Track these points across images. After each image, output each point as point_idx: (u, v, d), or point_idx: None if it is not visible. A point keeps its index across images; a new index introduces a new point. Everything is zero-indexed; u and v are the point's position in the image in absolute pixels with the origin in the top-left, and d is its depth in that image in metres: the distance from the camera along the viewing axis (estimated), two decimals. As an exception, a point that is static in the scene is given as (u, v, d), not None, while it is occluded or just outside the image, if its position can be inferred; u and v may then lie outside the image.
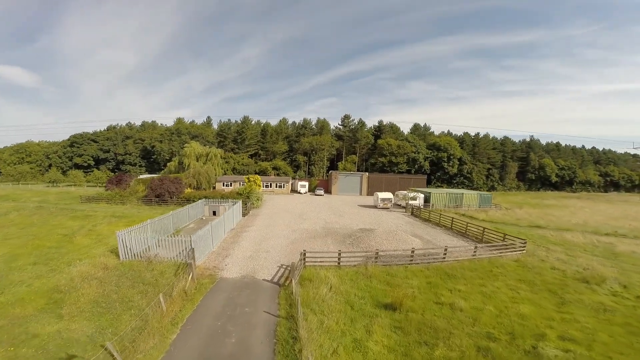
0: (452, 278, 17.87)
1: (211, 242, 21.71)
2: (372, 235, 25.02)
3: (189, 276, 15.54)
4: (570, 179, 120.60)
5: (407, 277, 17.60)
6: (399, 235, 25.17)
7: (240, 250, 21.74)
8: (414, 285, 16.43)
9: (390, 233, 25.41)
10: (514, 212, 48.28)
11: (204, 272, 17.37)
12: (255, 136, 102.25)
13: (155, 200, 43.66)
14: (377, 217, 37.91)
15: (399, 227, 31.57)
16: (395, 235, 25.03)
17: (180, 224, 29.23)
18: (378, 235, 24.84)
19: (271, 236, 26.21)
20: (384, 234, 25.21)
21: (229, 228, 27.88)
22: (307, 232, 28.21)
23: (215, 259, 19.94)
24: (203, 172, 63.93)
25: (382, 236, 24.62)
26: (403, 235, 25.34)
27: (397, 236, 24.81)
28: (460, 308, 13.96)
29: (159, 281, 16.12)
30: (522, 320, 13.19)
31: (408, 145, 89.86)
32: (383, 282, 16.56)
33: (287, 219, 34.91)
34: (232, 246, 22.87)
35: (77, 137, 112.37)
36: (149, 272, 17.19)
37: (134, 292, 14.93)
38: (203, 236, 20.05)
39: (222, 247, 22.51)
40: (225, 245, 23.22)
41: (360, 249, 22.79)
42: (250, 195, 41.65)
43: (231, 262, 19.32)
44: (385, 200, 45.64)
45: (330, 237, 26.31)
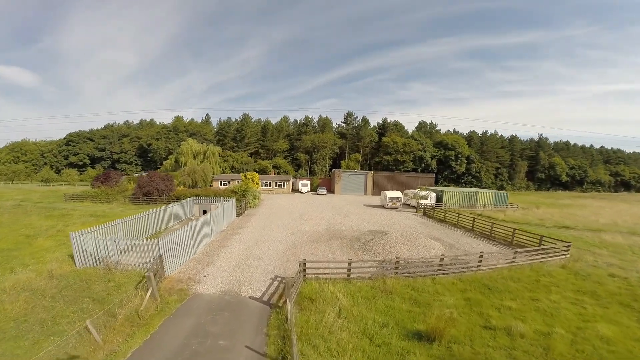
0: (494, 292, 14.01)
1: (192, 246, 17.89)
2: (385, 238, 21.10)
3: (147, 293, 11.70)
4: (581, 178, 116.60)
5: (438, 292, 13.68)
6: (417, 238, 21.25)
7: (227, 257, 17.87)
8: (450, 303, 12.52)
9: (406, 236, 21.49)
10: (532, 211, 44.44)
11: (174, 286, 13.50)
12: (255, 134, 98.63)
13: (143, 199, 39.97)
14: (387, 218, 33.98)
15: (414, 229, 27.63)
16: (412, 238, 21.11)
17: (162, 224, 25.46)
18: (392, 238, 20.91)
19: (266, 239, 22.33)
20: (399, 236, 21.28)
21: (217, 230, 24.06)
22: (308, 234, 24.31)
23: (194, 267, 16.08)
24: (199, 170, 60.25)
25: (397, 239, 20.69)
26: (421, 238, 21.41)
27: (414, 239, 20.89)
28: (521, 333, 10.28)
29: (111, 296, 12.33)
30: (608, 346, 9.77)
31: (414, 143, 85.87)
32: (409, 301, 12.64)
33: (285, 219, 31.05)
34: (218, 251, 19.01)
35: (73, 135, 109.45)
36: (103, 284, 13.42)
37: (72, 310, 11.23)
38: (179, 240, 16.24)
39: (206, 253, 18.65)
40: (210, 250, 19.36)
41: (373, 255, 18.88)
42: (246, 194, 37.84)
43: (212, 272, 15.44)
44: (394, 200, 41.72)
45: (335, 241, 22.40)
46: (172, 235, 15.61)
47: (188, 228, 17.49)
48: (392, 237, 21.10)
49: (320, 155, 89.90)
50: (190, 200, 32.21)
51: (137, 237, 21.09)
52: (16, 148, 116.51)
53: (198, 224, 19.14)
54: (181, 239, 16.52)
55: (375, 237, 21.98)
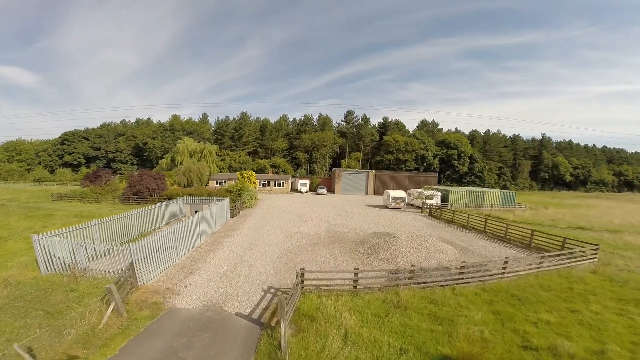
0: (525, 303, 12.06)
1: (175, 251, 15.79)
2: (392, 242, 18.99)
3: (108, 307, 9.62)
4: (584, 178, 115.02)
5: (461, 305, 11.61)
6: (428, 241, 19.17)
7: (215, 264, 15.74)
8: (477, 319, 10.48)
9: (416, 239, 19.39)
10: (541, 212, 42.57)
11: (148, 299, 11.39)
12: (253, 133, 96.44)
13: (133, 199, 37.84)
14: (391, 219, 31.88)
15: (422, 231, 25.54)
16: (423, 241, 19.02)
17: (149, 225, 23.36)
18: (401, 242, 18.81)
19: (260, 243, 20.20)
20: (408, 240, 19.17)
21: (208, 232, 21.95)
22: (307, 237, 22.19)
23: (175, 276, 13.95)
24: (194, 169, 58.19)
25: (407, 243, 18.60)
26: (433, 241, 19.32)
27: (425, 243, 18.81)
28: (570, 354, 8.50)
29: (70, 309, 10.29)
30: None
31: (416, 142, 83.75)
32: (428, 318, 10.55)
33: (283, 220, 28.94)
34: (206, 257, 16.89)
35: (69, 134, 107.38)
36: (64, 294, 11.41)
37: (17, 325, 9.30)
38: (159, 244, 14.15)
39: (191, 259, 16.52)
40: (197, 255, 17.24)
41: (380, 262, 16.78)
42: (242, 193, 35.73)
43: (196, 281, 13.33)
44: (398, 200, 39.63)
45: (337, 245, 20.29)
46: (149, 239, 13.50)
47: (170, 231, 15.39)
48: (400, 240, 18.99)
49: (320, 155, 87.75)
50: (181, 199, 30.10)
51: (116, 240, 19.10)
52: (10, 147, 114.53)
53: (183, 226, 17.03)
54: (162, 243, 14.41)
55: (382, 241, 19.87)
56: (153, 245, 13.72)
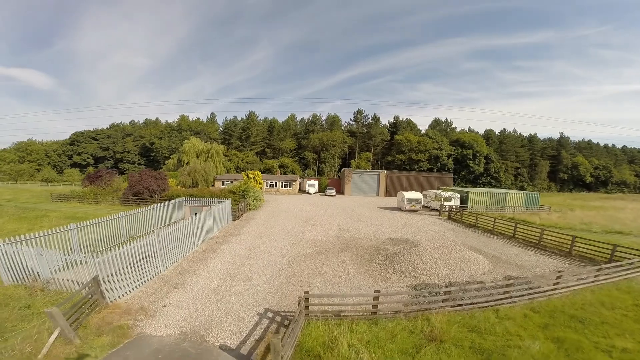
0: (588, 326, 9.61)
1: (160, 260, 13.54)
2: (414, 251, 16.36)
3: (51, 335, 7.38)
4: (605, 179, 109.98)
5: (509, 332, 9.03)
6: (455, 250, 16.49)
7: (205, 276, 13.41)
8: (535, 350, 8.01)
9: (442, 248, 16.70)
10: (569, 214, 39.22)
11: (114, 320, 9.07)
12: (261, 133, 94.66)
13: (133, 200, 36.04)
14: (408, 222, 29.16)
15: (444, 237, 22.80)
16: (449, 250, 16.35)
17: (140, 229, 21.31)
18: (424, 251, 16.17)
19: (262, 251, 17.82)
20: (432, 248, 16.52)
21: (204, 237, 19.73)
22: (315, 244, 19.71)
23: (156, 291, 11.66)
24: (199, 169, 56.37)
25: (431, 252, 15.97)
26: (461, 250, 16.64)
27: (452, 252, 16.15)
28: None
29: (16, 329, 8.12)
30: None
31: (429, 142, 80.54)
32: (472, 352, 7.98)
33: (289, 224, 26.54)
34: (197, 267, 14.58)
35: (78, 135, 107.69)
36: (14, 311, 9.26)
37: None
38: (136, 253, 11.93)
39: (180, 269, 14.23)
40: (187, 265, 14.95)
41: (402, 276, 14.19)
42: (246, 194, 33.52)
43: (178, 299, 11.00)
44: (413, 202, 36.85)
45: (349, 254, 17.77)
46: (123, 249, 11.29)
47: (152, 238, 13.15)
48: (423, 248, 16.35)
49: (329, 154, 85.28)
50: (180, 201, 28.03)
51: (101, 246, 17.04)
52: (22, 148, 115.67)
53: (171, 232, 14.78)
54: (141, 252, 12.19)
55: (401, 249, 17.26)
56: (129, 254, 11.50)
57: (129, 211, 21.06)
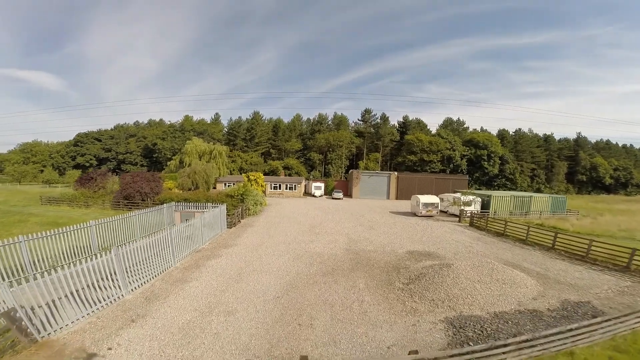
0: None
1: (123, 282, 10.49)
2: (445, 271, 12.98)
3: None
4: (626, 180, 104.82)
5: None
6: (497, 269, 13.09)
7: (176, 306, 10.25)
8: None
9: (480, 268, 13.27)
10: (600, 220, 35.39)
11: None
12: (266, 133, 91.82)
13: (123, 203, 33.30)
14: (426, 231, 25.71)
15: (472, 249, 19.35)
16: (490, 270, 12.95)
17: (120, 239, 18.36)
18: (459, 272, 12.74)
19: (255, 269, 14.63)
20: (469, 268, 13.10)
21: (189, 249, 16.68)
22: (320, 260, 16.46)
23: (108, 324, 8.54)
24: (200, 170, 53.58)
25: (466, 272, 12.61)
26: (503, 269, 13.24)
27: (493, 272, 12.77)
28: None
29: None
30: None
31: (442, 142, 76.68)
32: None
33: (291, 233, 23.31)
34: (170, 290, 11.45)
35: (82, 136, 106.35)
36: None
37: None
38: (86, 274, 8.88)
39: (148, 294, 11.09)
40: (160, 286, 11.83)
41: (432, 304, 10.91)
42: (245, 198, 30.47)
43: (130, 339, 7.86)
44: (429, 206, 33.36)
45: (362, 273, 14.49)
46: (69, 270, 8.27)
47: (111, 256, 10.10)
48: (457, 269, 12.96)
49: (336, 155, 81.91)
50: (169, 206, 25.08)
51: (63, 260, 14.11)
52: (26, 149, 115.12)
53: (137, 248, 11.73)
54: (97, 272, 9.16)
55: (429, 269, 13.88)
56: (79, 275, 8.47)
57: (104, 219, 18.13)
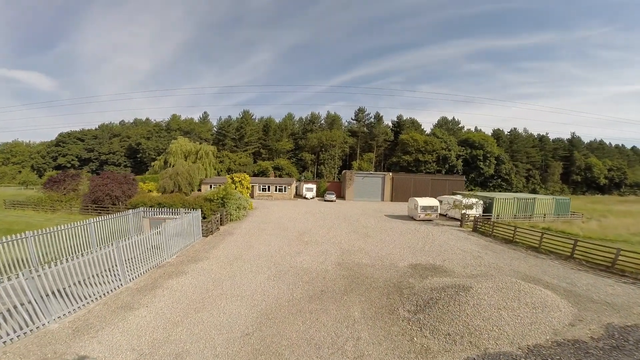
0: None
1: (37, 311, 7.58)
2: (462, 296, 10.30)
3: None
4: (619, 181, 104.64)
5: None
6: (524, 291, 10.49)
7: (109, 343, 7.36)
8: None
9: (505, 290, 10.63)
10: (607, 222, 33.50)
11: None
12: (256, 133, 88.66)
13: (92, 208, 30.08)
14: (427, 238, 23.10)
15: (482, 260, 16.76)
16: (516, 292, 10.34)
17: (68, 251, 15.32)
18: (479, 294, 10.15)
19: (224, 292, 11.79)
20: (492, 292, 10.42)
21: (150, 264, 13.79)
22: (306, 278, 13.68)
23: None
24: (183, 171, 50.38)
25: (491, 298, 9.96)
26: (531, 290, 10.65)
27: (520, 295, 10.18)
28: None
29: None
30: None
31: (437, 141, 74.59)
32: None
33: (276, 242, 20.48)
34: (108, 320, 8.50)
35: (64, 135, 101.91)
36: None
37: None
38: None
39: (80, 323, 8.18)
40: (98, 313, 8.89)
41: (448, 341, 8.23)
42: (226, 202, 27.54)
43: None
44: (428, 209, 30.86)
45: (356, 297, 11.77)
46: None
47: (28, 276, 7.21)
48: (478, 293, 10.30)
49: (329, 155, 79.17)
50: (137, 211, 22.04)
51: None
52: (6, 149, 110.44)
53: (75, 265, 8.83)
54: None
55: (439, 292, 11.19)
56: None
57: (51, 227, 15.08)
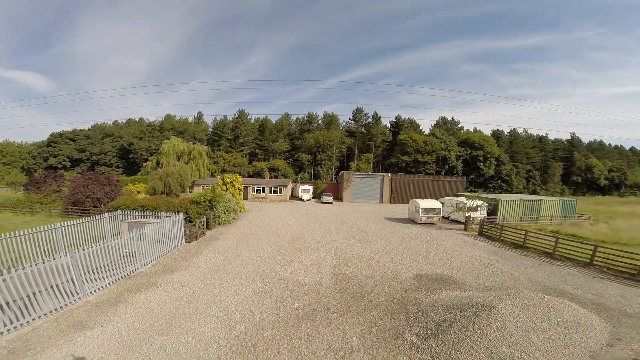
0: None
1: None
2: (483, 318, 8.57)
3: None
4: (619, 182, 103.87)
5: None
6: (555, 308, 8.77)
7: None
8: None
9: (533, 309, 8.91)
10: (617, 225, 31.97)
11: None
12: (251, 133, 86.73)
13: (72, 210, 28.14)
14: (431, 243, 21.35)
15: (495, 268, 15.02)
16: (546, 310, 8.62)
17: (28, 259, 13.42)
18: (503, 315, 8.42)
19: (195, 311, 9.91)
20: (518, 311, 8.70)
21: (116, 275, 11.94)
22: (296, 292, 11.87)
23: None
24: (174, 172, 48.38)
25: (517, 320, 8.24)
26: (558, 305, 8.93)
27: (550, 313, 8.45)
28: None
29: None
30: None
31: (436, 142, 73.04)
32: None
33: (265, 249, 18.63)
34: (51, 344, 6.81)
35: (56, 136, 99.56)
36: None
37: None
38: None
39: (17, 345, 6.48)
40: (43, 335, 7.06)
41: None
42: (214, 204, 25.69)
43: None
44: (430, 212, 29.16)
45: (355, 317, 9.96)
46: None
47: None
48: (503, 314, 8.55)
49: (326, 156, 77.40)
50: (113, 215, 20.17)
51: None
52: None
53: None
54: None
55: (453, 311, 9.43)
56: None
57: (12, 232, 13.21)
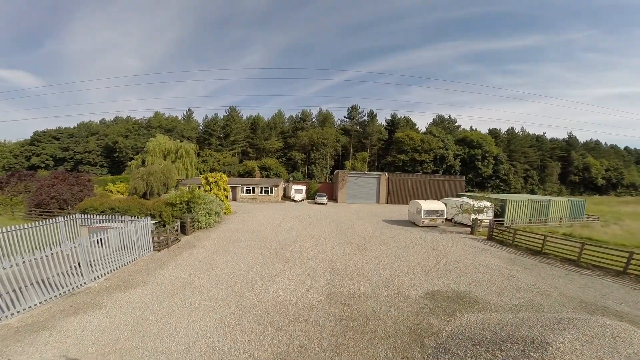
0: None
1: None
2: (532, 355, 6.08)
3: None
4: (616, 181, 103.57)
5: None
6: (619, 336, 6.28)
7: None
8: None
9: (593, 340, 6.47)
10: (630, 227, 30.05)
11: None
12: (243, 131, 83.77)
13: (36, 212, 25.14)
14: (438, 250, 18.86)
15: (518, 281, 12.55)
16: (612, 340, 6.16)
17: None
18: (561, 351, 5.93)
19: (140, 346, 7.19)
20: (577, 343, 6.29)
21: (53, 293, 9.19)
22: (278, 321, 9.23)
23: None
24: (157, 171, 45.28)
25: (579, 358, 5.78)
26: (624, 333, 6.45)
27: (617, 343, 5.98)
28: None
29: None
30: None
31: (434, 140, 70.91)
32: None
33: (247, 259, 15.92)
34: None
35: (39, 134, 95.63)
36: None
37: None
38: None
39: None
40: None
41: None
42: (194, 207, 22.91)
43: None
44: (433, 214, 26.72)
45: (353, 357, 7.39)
46: None
47: None
48: (561, 351, 6.08)
49: (320, 155, 74.78)
50: (71, 218, 17.34)
51: None
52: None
53: None
54: None
55: (488, 347, 6.91)
56: None
57: None
